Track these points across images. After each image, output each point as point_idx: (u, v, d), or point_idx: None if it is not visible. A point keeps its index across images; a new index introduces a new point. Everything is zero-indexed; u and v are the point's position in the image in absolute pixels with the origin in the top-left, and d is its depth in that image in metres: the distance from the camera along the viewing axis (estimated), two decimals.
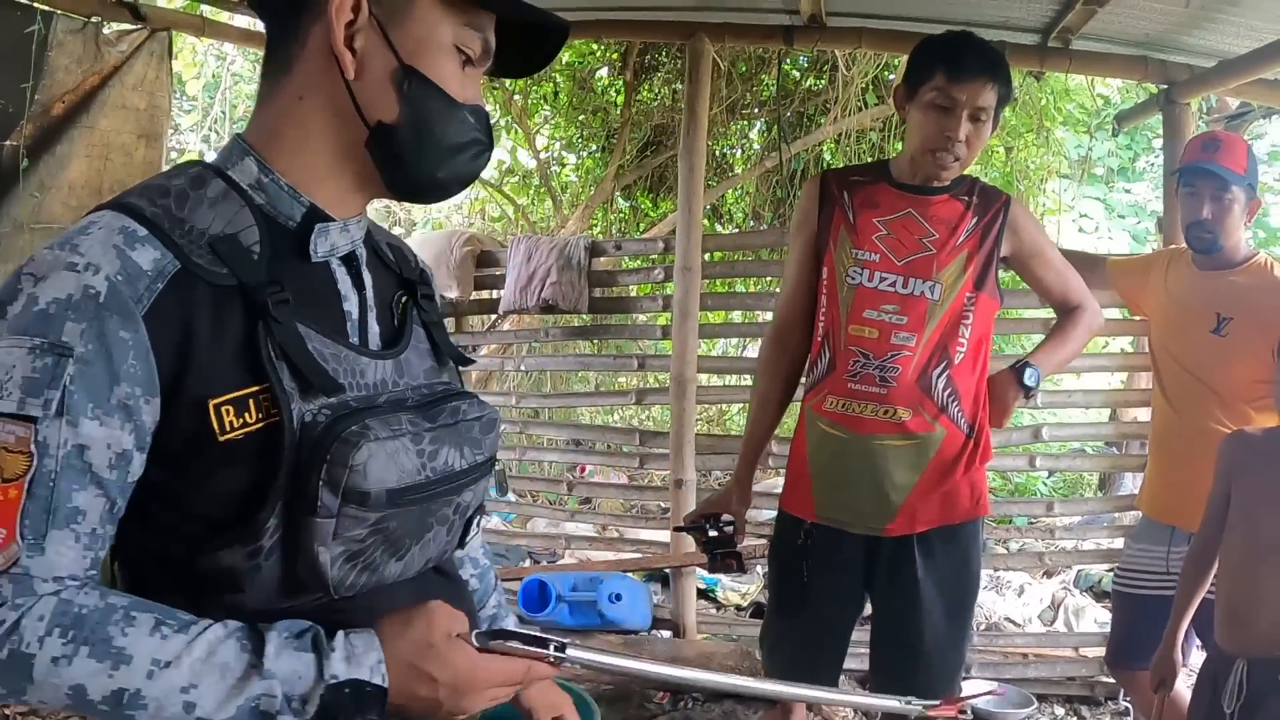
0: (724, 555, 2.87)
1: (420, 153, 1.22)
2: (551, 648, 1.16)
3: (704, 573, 5.13)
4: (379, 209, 8.45)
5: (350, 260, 1.28)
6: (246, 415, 1.11)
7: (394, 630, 1.11)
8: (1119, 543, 4.13)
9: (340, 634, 1.08)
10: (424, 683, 1.10)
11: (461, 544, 1.37)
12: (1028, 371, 2.73)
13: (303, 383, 1.13)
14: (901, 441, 2.66)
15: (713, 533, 2.87)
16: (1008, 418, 2.83)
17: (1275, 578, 2.41)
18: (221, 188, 1.18)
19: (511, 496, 5.95)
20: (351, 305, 1.26)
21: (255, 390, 1.11)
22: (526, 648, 1.15)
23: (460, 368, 1.42)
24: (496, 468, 1.45)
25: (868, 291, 2.68)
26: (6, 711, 4.12)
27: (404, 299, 1.35)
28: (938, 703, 1.58)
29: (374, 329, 1.28)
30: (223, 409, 1.10)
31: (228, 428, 1.10)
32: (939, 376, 2.65)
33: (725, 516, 2.90)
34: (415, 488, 1.19)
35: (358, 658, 1.07)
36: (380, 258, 1.35)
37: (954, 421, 2.67)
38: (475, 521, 1.38)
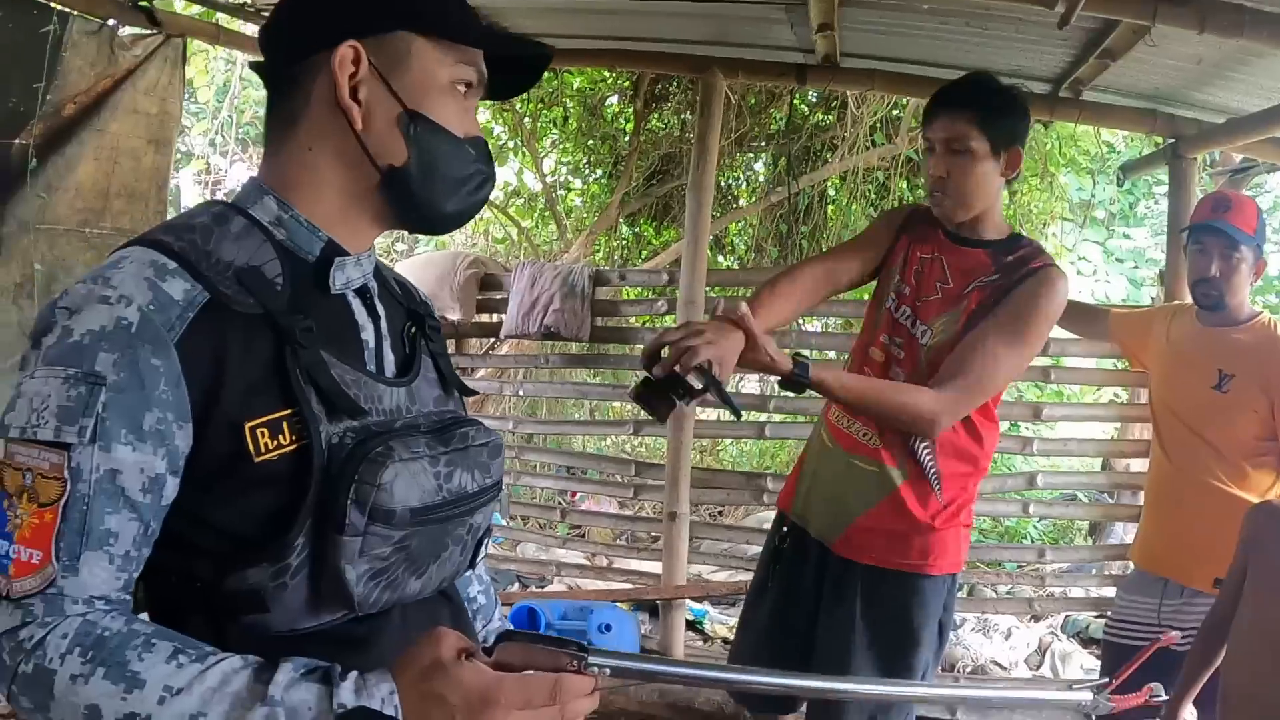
0: (675, 388, 2.21)
1: (430, 191, 1.29)
2: (573, 650, 1.11)
3: (693, 604, 5.15)
4: (385, 235, 8.45)
5: (364, 292, 1.35)
6: (280, 438, 1.16)
7: (403, 662, 1.10)
8: (1108, 590, 4.15)
9: (355, 672, 1.08)
10: (437, 706, 1.06)
11: (473, 564, 1.41)
12: (802, 366, 2.37)
13: (329, 406, 1.19)
14: (867, 466, 2.68)
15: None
16: (753, 353, 2.31)
17: (1276, 667, 2.32)
18: (244, 224, 1.24)
19: (504, 521, 5.94)
20: (368, 335, 1.32)
21: (287, 414, 1.16)
22: (544, 648, 1.11)
23: (463, 397, 1.48)
24: (502, 492, 1.48)
25: (890, 319, 2.73)
26: None
27: (413, 330, 1.41)
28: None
29: (389, 357, 1.35)
30: (258, 431, 1.15)
31: (263, 449, 1.15)
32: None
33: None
34: (434, 507, 1.24)
35: (369, 689, 1.06)
36: (389, 290, 1.42)
37: (921, 468, 2.63)
38: (484, 543, 1.42)
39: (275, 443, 1.16)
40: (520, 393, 5.91)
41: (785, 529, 2.90)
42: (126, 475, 1.09)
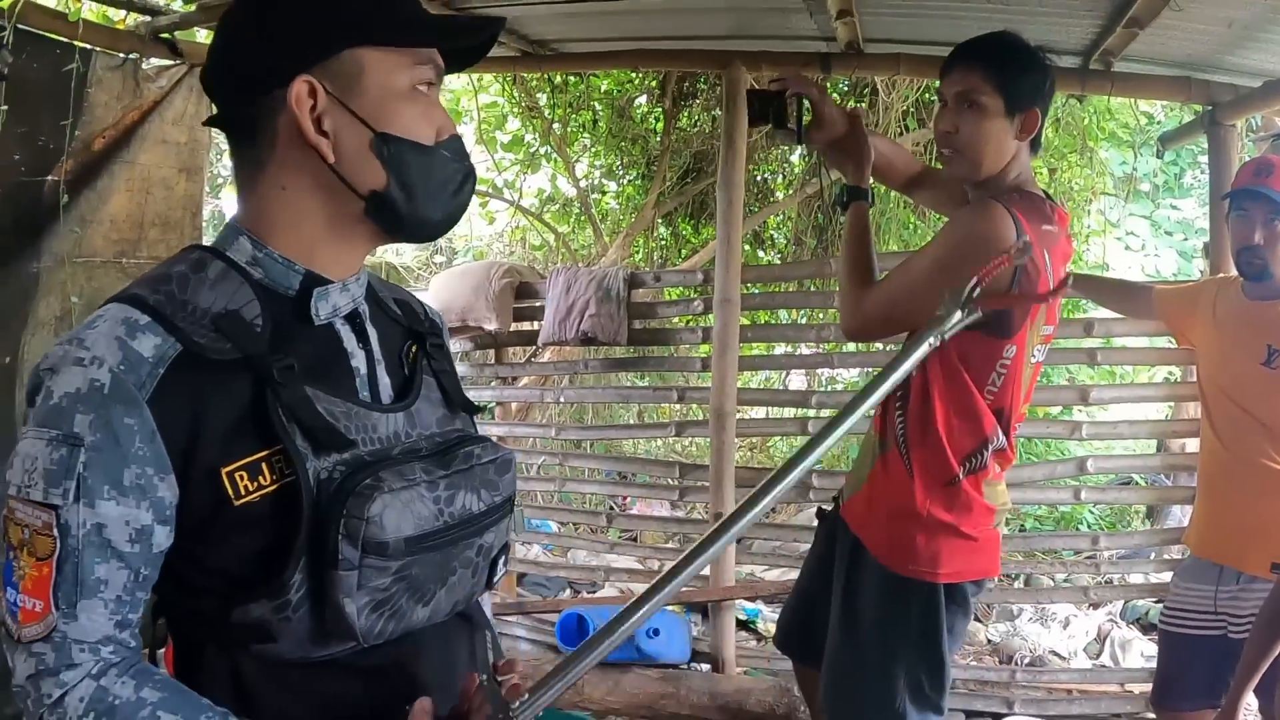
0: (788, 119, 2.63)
1: (415, 206, 1.27)
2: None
3: (745, 604, 5.10)
4: (421, 248, 8.48)
5: (353, 318, 1.33)
6: (260, 478, 1.17)
7: None
8: (1167, 575, 4.04)
9: None
10: None
11: (489, 584, 1.39)
12: (861, 203, 2.69)
13: (314, 442, 1.18)
14: (871, 434, 2.69)
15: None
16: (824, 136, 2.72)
17: None
18: (221, 268, 1.23)
19: (553, 526, 5.93)
20: (359, 361, 1.31)
21: (267, 454, 1.17)
22: None
23: (471, 415, 1.46)
24: (517, 506, 1.48)
25: None
26: None
27: (413, 350, 1.39)
28: None
29: (384, 382, 1.33)
30: (236, 475, 1.16)
31: (242, 492, 1.16)
32: (897, 400, 2.53)
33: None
34: (434, 534, 1.23)
35: None
36: (385, 312, 1.40)
37: (898, 443, 2.53)
38: (501, 561, 1.40)
39: (255, 484, 1.17)
40: (562, 399, 5.90)
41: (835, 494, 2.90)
42: (112, 528, 1.13)
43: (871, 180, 2.77)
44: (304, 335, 1.25)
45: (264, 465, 1.17)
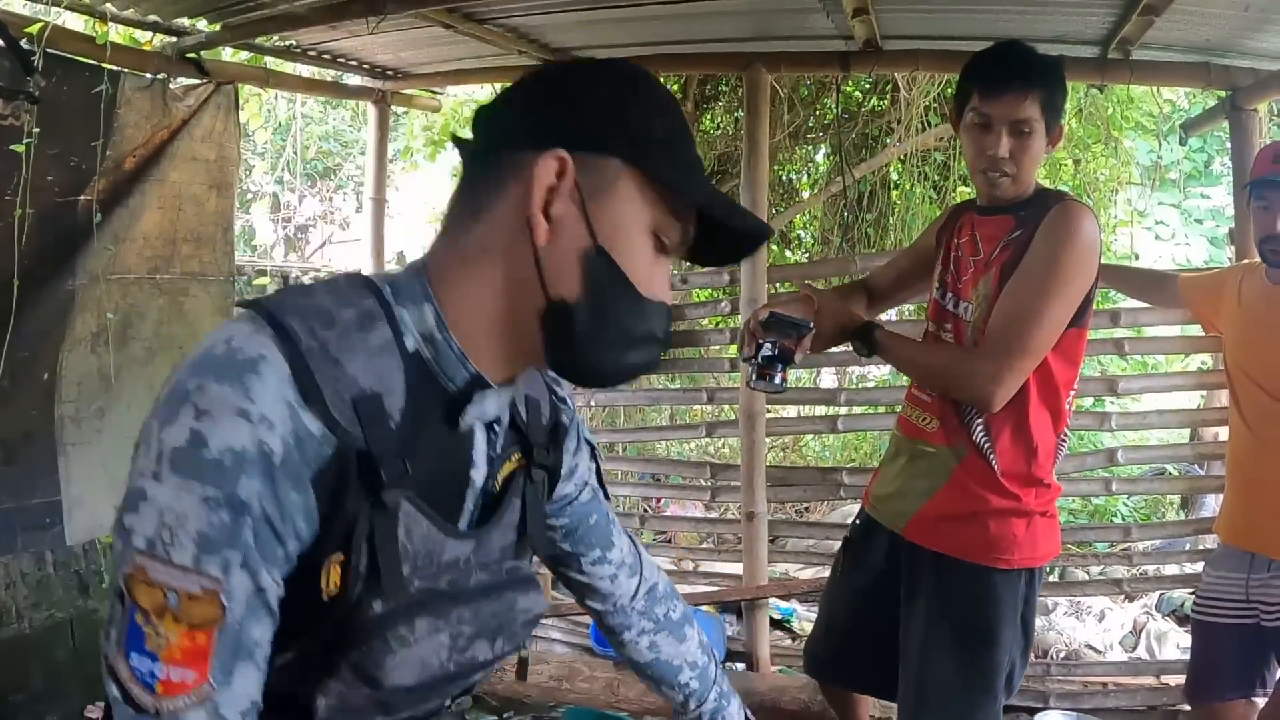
0: (764, 365, 2.55)
1: (592, 339, 1.17)
2: None
3: (779, 603, 5.12)
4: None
5: (492, 425, 1.27)
6: (335, 586, 1.11)
7: None
8: (1201, 566, 4.02)
9: None
10: None
11: (467, 691, 1.36)
12: (875, 332, 2.62)
13: (374, 577, 1.12)
14: (926, 450, 2.69)
15: (767, 351, 2.54)
16: (821, 343, 2.65)
17: None
18: (386, 338, 1.14)
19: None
20: (479, 474, 1.25)
21: (342, 559, 1.11)
22: None
23: (534, 554, 1.40)
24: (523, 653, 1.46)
25: (937, 307, 2.75)
26: None
27: (515, 460, 1.32)
28: None
29: (473, 501, 1.27)
30: (331, 569, 1.10)
31: (326, 591, 1.11)
32: (966, 411, 2.61)
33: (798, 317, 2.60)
34: (431, 682, 1.19)
35: None
36: (515, 416, 1.33)
37: (978, 449, 2.59)
38: (476, 684, 1.36)
39: (336, 587, 1.11)
40: (593, 403, 5.93)
41: (858, 521, 2.94)
42: (269, 592, 1.05)
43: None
44: (436, 434, 1.18)
45: (341, 567, 1.11)
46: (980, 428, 2.58)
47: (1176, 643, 4.60)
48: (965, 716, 2.62)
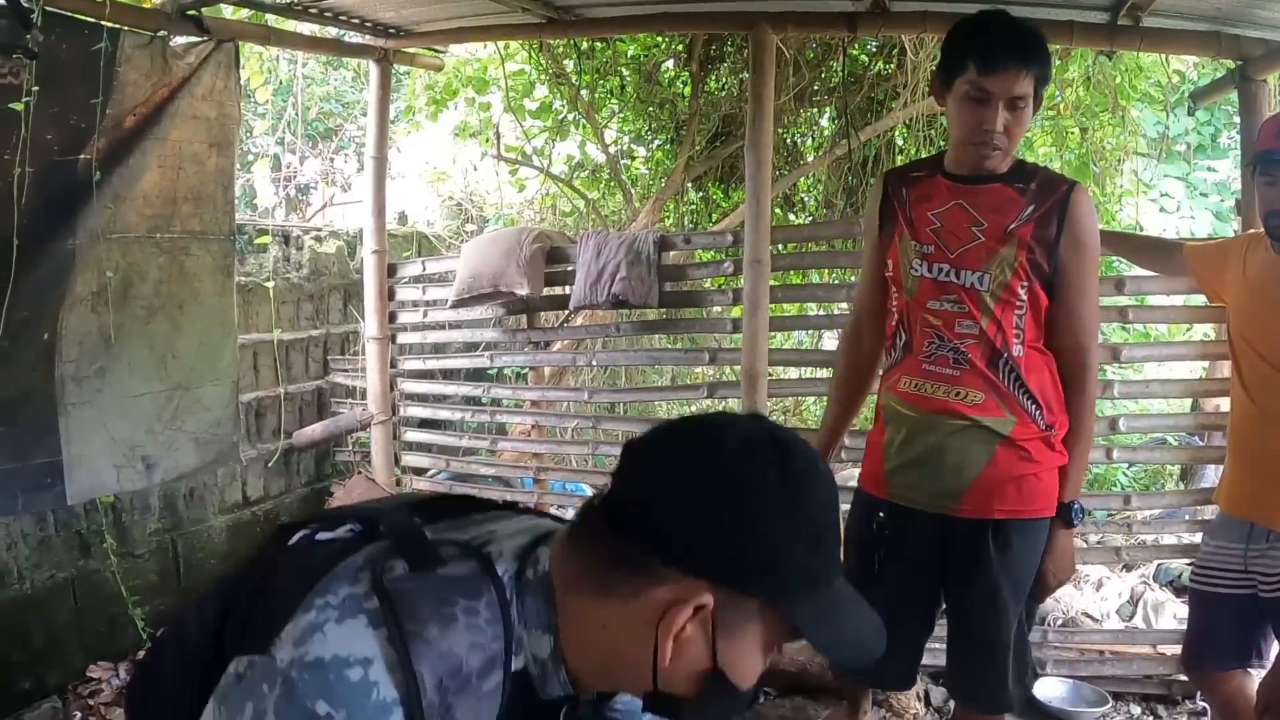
0: None
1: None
2: None
3: None
4: (452, 216, 8.50)
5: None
6: None
7: None
8: (1199, 537, 4.03)
9: None
10: None
11: None
12: (1075, 513, 2.77)
13: None
14: (972, 423, 2.70)
15: None
16: (1072, 571, 2.88)
17: None
18: (498, 681, 1.18)
19: (587, 490, 5.96)
20: None
21: None
22: None
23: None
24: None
25: (929, 283, 2.74)
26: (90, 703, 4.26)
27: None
28: None
29: None
30: None
31: None
32: (1005, 366, 2.68)
33: None
34: None
35: None
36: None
37: (1026, 412, 2.68)
38: None
39: None
40: (594, 363, 5.92)
41: (882, 514, 2.85)
42: None
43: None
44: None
45: None
46: (1023, 392, 2.68)
47: (1174, 613, 4.61)
48: (1028, 654, 2.86)
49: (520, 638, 1.20)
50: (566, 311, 5.68)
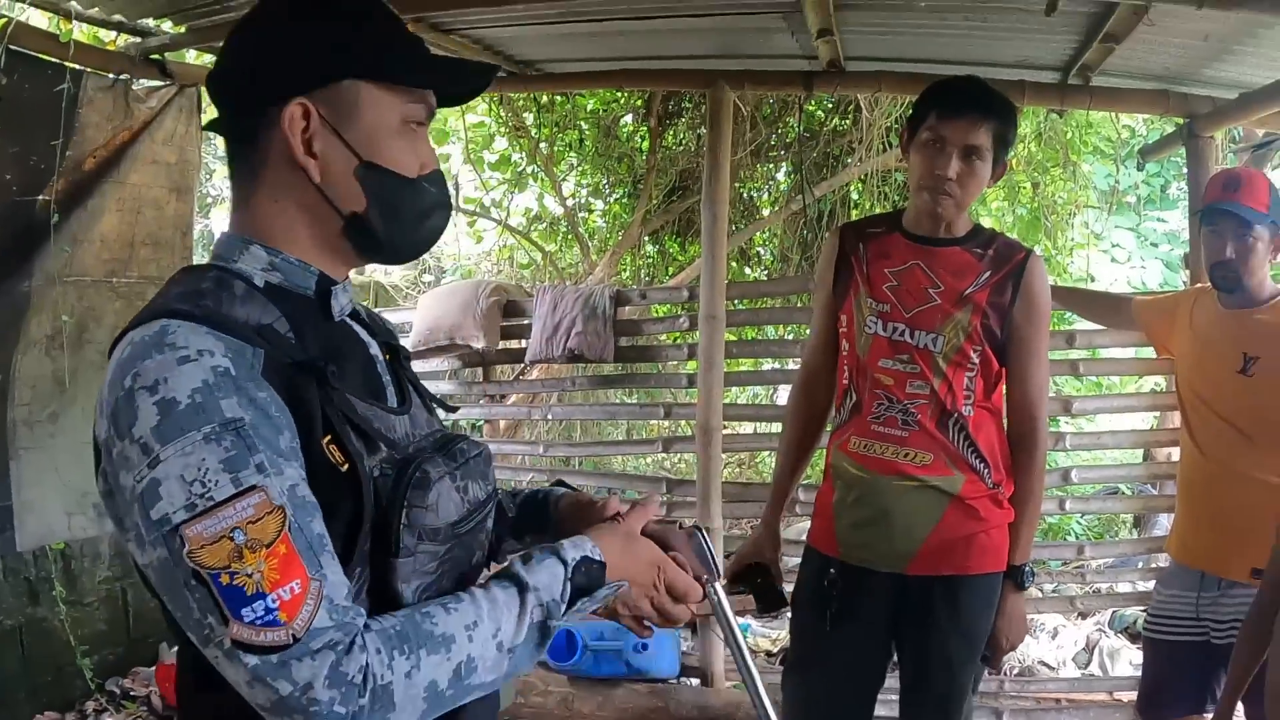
0: (777, 596, 2.93)
1: (392, 231, 1.33)
2: (705, 582, 1.48)
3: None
4: (409, 267, 8.50)
5: (355, 316, 1.42)
6: (340, 456, 1.21)
7: (602, 528, 1.38)
8: (1153, 584, 4.08)
9: (562, 540, 1.31)
10: (630, 560, 1.35)
11: (488, 564, 1.48)
12: (1025, 576, 2.79)
13: (366, 442, 1.24)
14: (921, 484, 2.70)
15: (759, 578, 2.92)
16: (1025, 633, 2.91)
17: None
18: (244, 287, 1.25)
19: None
20: (376, 351, 1.41)
21: (331, 438, 1.21)
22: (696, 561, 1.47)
23: (445, 412, 1.55)
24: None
25: (882, 341, 2.73)
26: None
27: (389, 358, 1.45)
28: None
29: (388, 380, 1.41)
30: (329, 447, 1.20)
31: (338, 461, 1.20)
32: (954, 425, 2.68)
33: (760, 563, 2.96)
34: (464, 519, 1.33)
35: (579, 544, 1.30)
36: (370, 323, 1.47)
37: (975, 470, 2.69)
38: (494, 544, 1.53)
39: (342, 456, 1.21)
40: (550, 416, 5.91)
41: (833, 570, 2.82)
42: (299, 486, 1.13)
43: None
44: (328, 337, 1.31)
45: (335, 446, 1.21)
46: (972, 450, 2.69)
47: (1129, 660, 4.65)
48: (971, 710, 2.84)
49: (239, 269, 1.27)
50: (522, 365, 5.67)
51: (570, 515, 1.59)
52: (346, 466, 1.20)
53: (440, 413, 1.52)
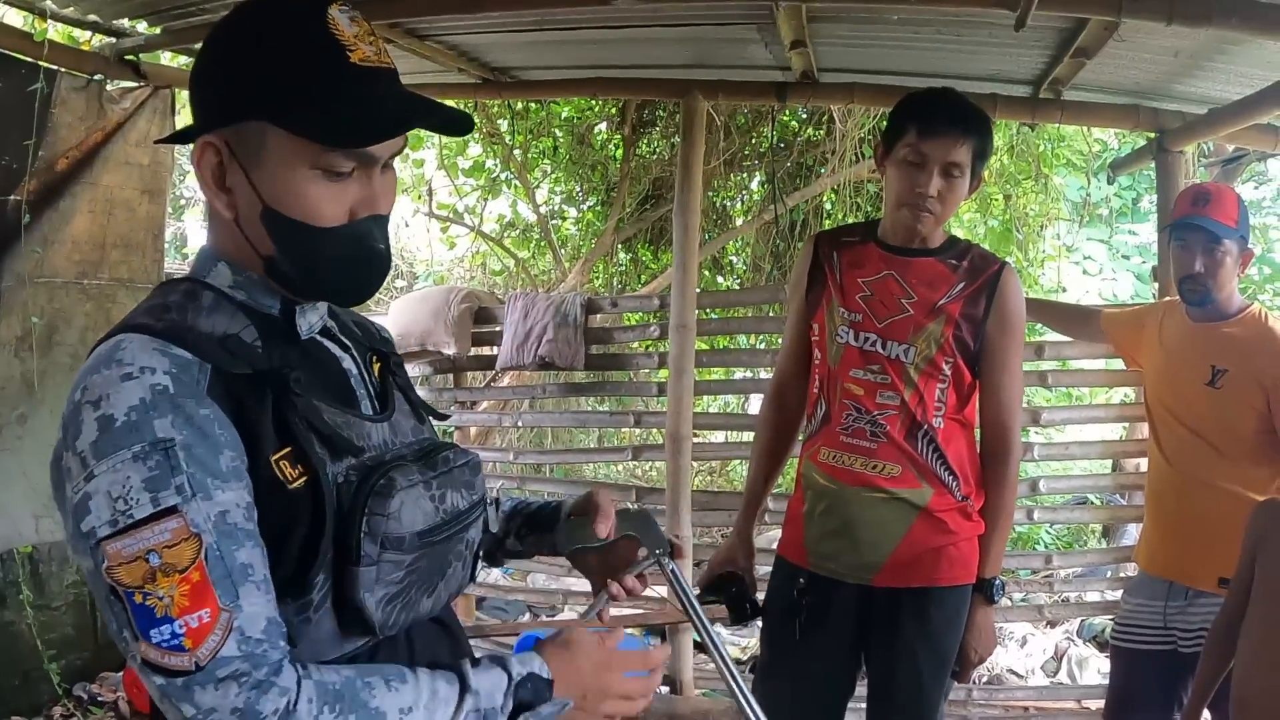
0: (750, 606, 2.89)
1: (307, 277, 1.29)
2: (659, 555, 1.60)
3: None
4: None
5: (326, 333, 1.40)
6: (296, 469, 1.21)
7: (547, 648, 1.33)
8: (1121, 593, 4.11)
9: (511, 657, 1.29)
10: (572, 669, 1.31)
11: (472, 578, 1.49)
12: (995, 589, 2.77)
13: (331, 448, 1.24)
14: (889, 496, 2.68)
15: (733, 588, 2.89)
16: (994, 647, 2.91)
17: None
18: (213, 297, 1.27)
19: None
20: (350, 365, 1.39)
21: (289, 450, 1.21)
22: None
23: (437, 422, 1.54)
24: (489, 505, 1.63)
25: (854, 351, 2.72)
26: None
27: (377, 365, 1.46)
28: None
29: (362, 393, 1.40)
30: (280, 463, 1.20)
31: (290, 479, 1.20)
32: (924, 437, 2.67)
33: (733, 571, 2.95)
34: (436, 528, 1.32)
35: (525, 661, 1.28)
36: (350, 333, 1.46)
37: (943, 483, 2.69)
38: (479, 555, 1.52)
39: (296, 472, 1.20)
40: (520, 423, 5.90)
41: (802, 580, 2.82)
42: (232, 513, 1.13)
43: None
44: (295, 352, 1.30)
45: (292, 459, 1.20)
46: (941, 463, 2.68)
47: (1098, 668, 4.68)
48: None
49: (211, 281, 1.28)
50: (493, 372, 5.66)
51: (578, 511, 1.66)
52: (303, 480, 1.20)
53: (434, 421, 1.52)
